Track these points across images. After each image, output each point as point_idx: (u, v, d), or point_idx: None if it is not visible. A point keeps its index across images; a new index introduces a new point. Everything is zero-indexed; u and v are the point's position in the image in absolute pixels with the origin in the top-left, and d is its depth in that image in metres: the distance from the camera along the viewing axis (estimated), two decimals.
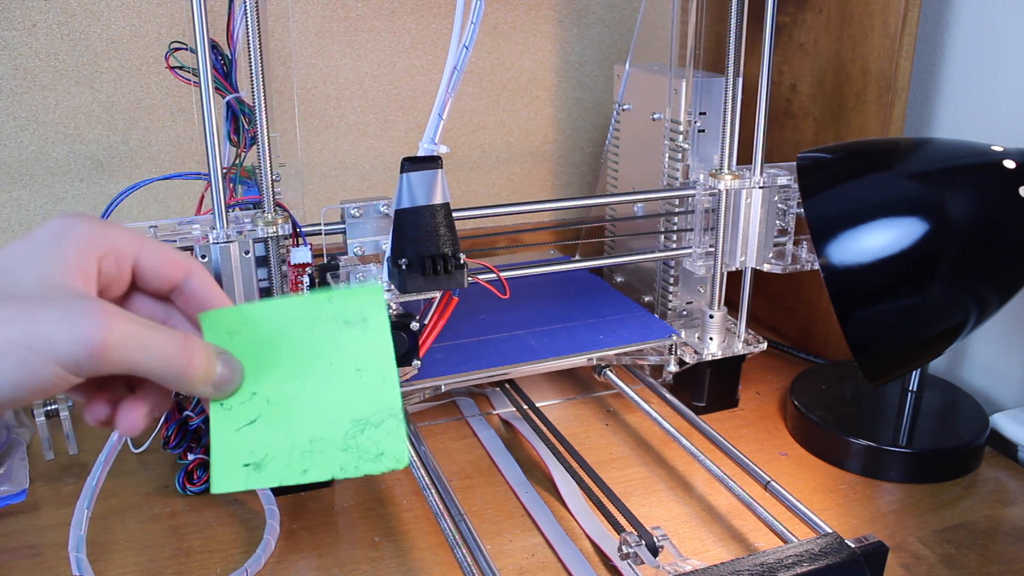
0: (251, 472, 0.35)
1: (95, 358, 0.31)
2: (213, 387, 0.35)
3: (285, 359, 0.36)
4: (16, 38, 0.81)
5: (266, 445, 0.35)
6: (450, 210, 0.59)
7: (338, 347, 0.37)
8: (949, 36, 0.81)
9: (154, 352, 0.33)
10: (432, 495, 0.58)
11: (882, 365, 0.63)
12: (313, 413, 0.36)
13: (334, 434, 0.36)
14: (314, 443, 0.36)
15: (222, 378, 0.36)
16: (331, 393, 0.36)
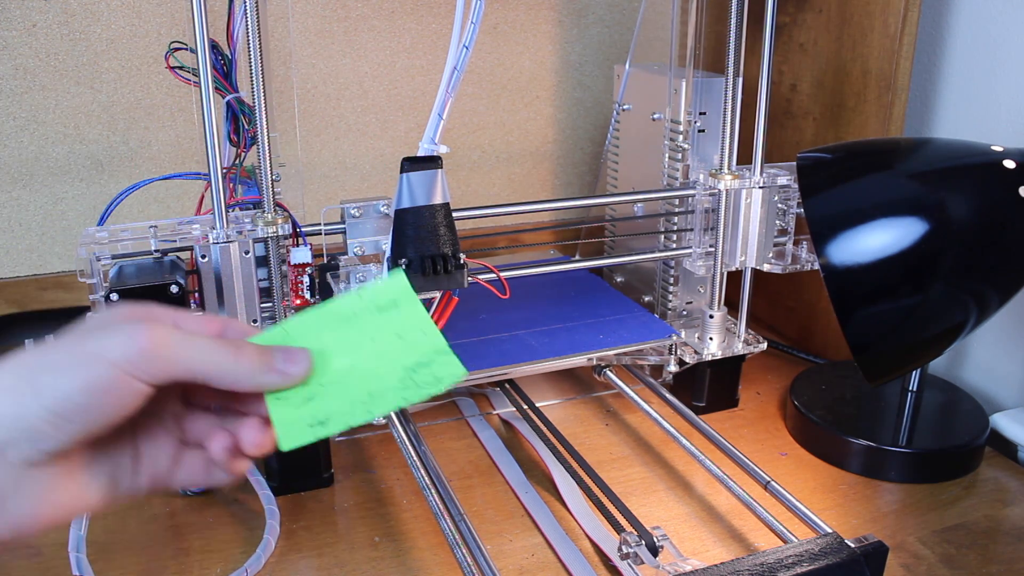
0: (317, 428, 0.37)
1: (146, 354, 0.33)
2: (279, 374, 0.36)
3: (331, 349, 0.38)
4: (16, 38, 0.81)
5: (327, 411, 0.37)
6: (450, 210, 0.59)
7: (377, 327, 0.39)
8: (949, 36, 0.81)
9: (201, 347, 0.35)
10: (432, 495, 0.58)
11: (882, 365, 0.63)
12: (367, 376, 0.38)
13: (390, 381, 0.38)
14: (372, 394, 0.38)
15: (287, 359, 0.37)
16: (380, 359, 0.39)
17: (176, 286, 0.56)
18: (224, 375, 0.35)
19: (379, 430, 0.73)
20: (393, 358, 0.39)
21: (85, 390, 0.32)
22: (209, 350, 0.35)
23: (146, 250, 0.57)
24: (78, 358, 0.33)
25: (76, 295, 0.88)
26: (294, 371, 0.37)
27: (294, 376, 0.37)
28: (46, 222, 0.87)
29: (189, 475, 0.38)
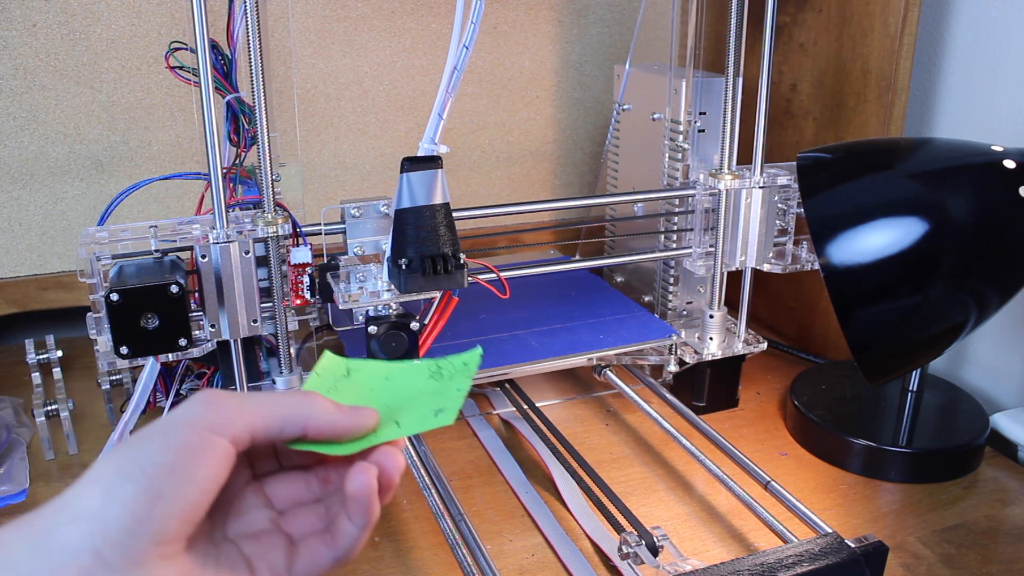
0: (441, 414, 0.39)
1: (216, 408, 0.33)
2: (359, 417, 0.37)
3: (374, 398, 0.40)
4: (16, 38, 0.81)
5: (422, 410, 0.39)
6: (450, 210, 0.59)
7: (359, 383, 0.41)
8: (949, 36, 0.81)
9: (268, 397, 0.35)
10: (432, 495, 0.58)
11: (882, 365, 0.63)
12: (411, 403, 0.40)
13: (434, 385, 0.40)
14: (434, 398, 0.40)
15: (355, 420, 0.37)
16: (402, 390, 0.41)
17: (176, 286, 0.56)
18: (303, 418, 0.35)
19: None
20: (410, 382, 0.41)
21: (165, 450, 0.31)
22: (278, 398, 0.35)
23: (146, 250, 0.57)
24: (152, 431, 0.32)
25: (76, 295, 0.88)
26: (368, 419, 0.37)
27: (370, 421, 0.37)
28: (46, 222, 0.87)
29: (310, 556, 0.37)
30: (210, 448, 0.32)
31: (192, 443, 0.32)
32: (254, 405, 0.34)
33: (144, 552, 0.30)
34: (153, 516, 0.30)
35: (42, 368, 0.75)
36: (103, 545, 0.29)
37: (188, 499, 0.31)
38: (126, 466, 0.31)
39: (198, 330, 0.59)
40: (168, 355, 0.58)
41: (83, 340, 0.71)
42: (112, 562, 0.29)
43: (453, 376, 0.40)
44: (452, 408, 0.38)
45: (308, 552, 0.37)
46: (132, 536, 0.30)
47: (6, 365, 0.84)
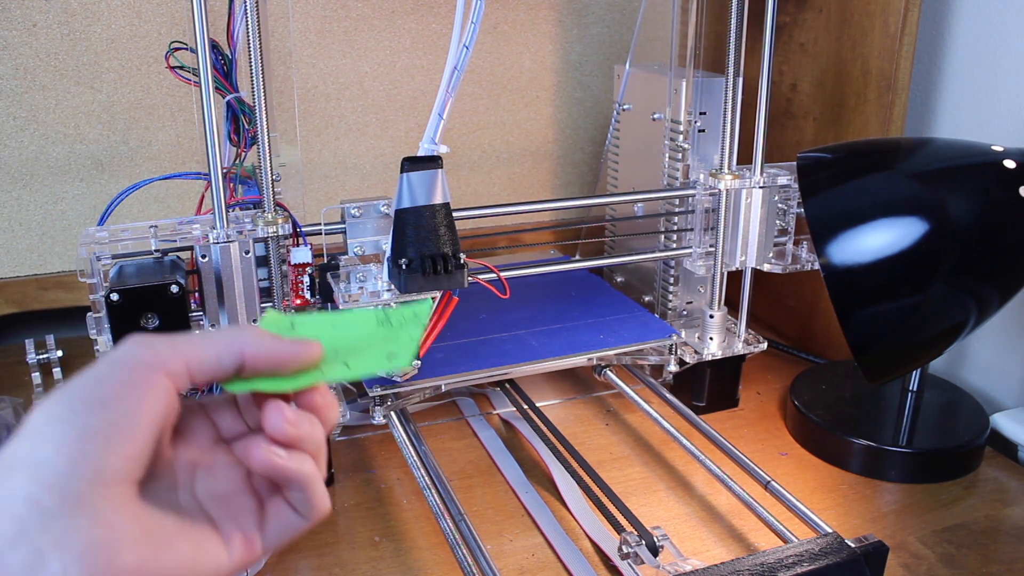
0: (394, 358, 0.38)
1: (148, 344, 0.32)
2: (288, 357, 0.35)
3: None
4: (16, 38, 0.81)
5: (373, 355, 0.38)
6: (450, 210, 0.59)
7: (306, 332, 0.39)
8: (949, 36, 0.81)
9: (204, 335, 0.34)
10: (432, 495, 0.58)
11: (882, 365, 0.63)
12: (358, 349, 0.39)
13: (382, 333, 0.39)
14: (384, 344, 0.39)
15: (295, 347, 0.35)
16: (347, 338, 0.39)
17: (176, 286, 0.56)
18: (238, 344, 0.33)
19: (379, 430, 0.73)
20: (357, 331, 0.39)
21: (96, 387, 0.30)
22: (212, 331, 0.34)
23: (146, 250, 0.57)
24: (82, 374, 0.31)
25: (76, 295, 0.88)
26: (311, 349, 0.35)
27: (314, 352, 0.36)
28: (46, 222, 0.87)
29: (278, 516, 0.35)
30: (144, 382, 0.31)
31: (124, 378, 0.31)
32: (186, 339, 0.33)
33: (83, 494, 0.28)
34: (87, 453, 0.29)
35: (42, 368, 0.75)
36: (38, 490, 0.28)
37: (125, 434, 0.30)
38: (56, 409, 0.30)
39: (198, 330, 0.59)
40: None
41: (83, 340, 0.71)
42: (49, 507, 0.28)
43: (403, 324, 0.39)
44: (405, 353, 0.37)
45: (276, 512, 0.35)
46: (67, 477, 0.28)
47: (6, 365, 0.84)
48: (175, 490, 0.34)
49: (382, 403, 0.65)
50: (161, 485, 0.33)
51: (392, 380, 0.64)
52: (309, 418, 0.35)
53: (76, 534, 0.28)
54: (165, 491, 0.33)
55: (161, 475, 0.33)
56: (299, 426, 0.34)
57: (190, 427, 0.36)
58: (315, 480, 0.34)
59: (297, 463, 0.34)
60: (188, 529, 0.33)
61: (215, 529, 0.34)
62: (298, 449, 0.34)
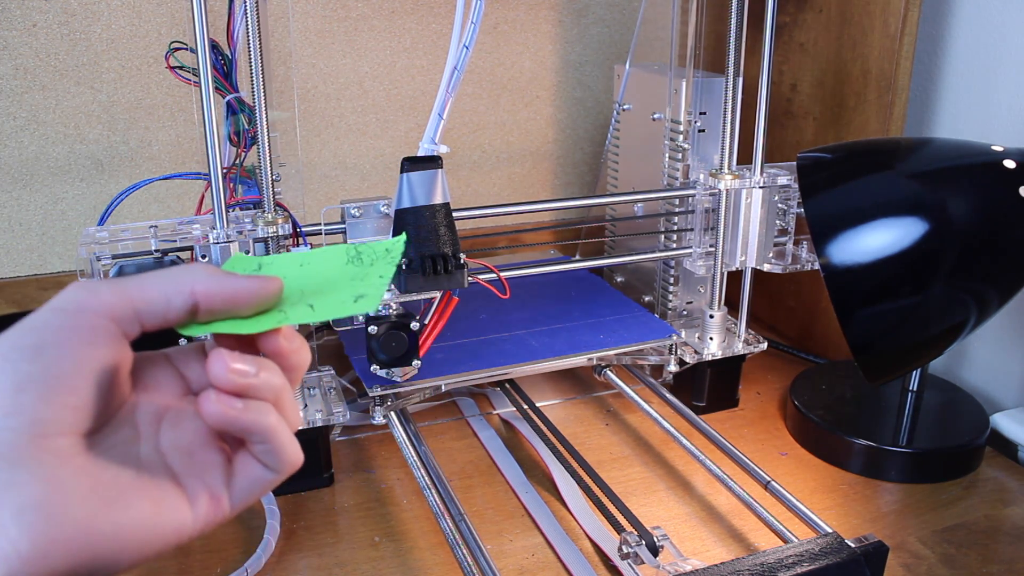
0: (361, 300, 0.35)
1: (88, 287, 0.30)
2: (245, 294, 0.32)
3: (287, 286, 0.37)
4: (16, 38, 0.81)
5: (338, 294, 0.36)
6: (450, 210, 0.59)
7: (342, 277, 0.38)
8: (949, 36, 0.81)
9: (154, 275, 0.32)
10: (432, 495, 0.58)
11: (882, 365, 0.63)
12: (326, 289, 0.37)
13: (353, 272, 0.37)
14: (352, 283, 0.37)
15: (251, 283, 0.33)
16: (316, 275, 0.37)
17: None
18: (189, 283, 0.31)
19: (379, 430, 0.73)
20: (326, 268, 0.37)
21: (28, 333, 0.29)
22: (158, 271, 0.31)
23: (146, 250, 0.57)
24: (18, 322, 0.29)
25: None
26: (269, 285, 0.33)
27: (271, 288, 0.33)
28: (46, 222, 0.87)
29: (246, 476, 0.33)
30: (86, 327, 0.29)
31: (62, 323, 0.29)
32: (132, 280, 0.31)
33: (20, 447, 0.26)
34: (22, 404, 0.27)
35: None
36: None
37: (63, 382, 0.28)
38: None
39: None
40: None
41: None
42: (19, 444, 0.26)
43: (374, 262, 0.37)
44: (373, 295, 0.35)
45: (243, 466, 0.33)
46: (3, 429, 0.26)
47: None
48: (136, 443, 0.31)
49: (382, 403, 0.65)
50: (118, 438, 0.31)
51: (392, 380, 0.64)
52: (262, 363, 0.32)
53: (15, 489, 0.26)
54: (123, 444, 0.31)
55: (118, 427, 0.31)
56: (247, 374, 0.31)
57: (155, 378, 0.33)
58: (278, 430, 0.32)
59: (254, 414, 0.31)
60: (148, 485, 0.30)
61: (179, 486, 0.31)
62: (255, 398, 0.31)
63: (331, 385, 0.67)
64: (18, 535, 0.26)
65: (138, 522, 0.29)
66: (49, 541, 0.26)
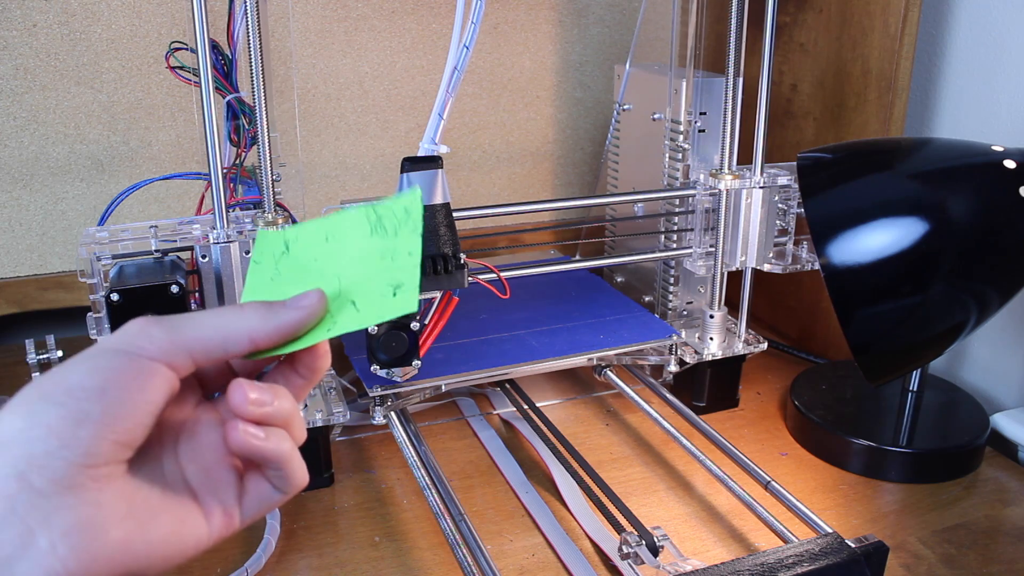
0: (401, 291, 0.36)
1: (145, 330, 0.32)
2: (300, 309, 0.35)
3: (318, 269, 0.37)
4: (16, 38, 0.81)
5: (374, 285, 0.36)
6: (450, 210, 0.59)
7: (298, 254, 0.38)
8: (949, 36, 0.81)
9: (203, 315, 0.33)
10: (432, 495, 0.58)
11: (882, 365, 0.63)
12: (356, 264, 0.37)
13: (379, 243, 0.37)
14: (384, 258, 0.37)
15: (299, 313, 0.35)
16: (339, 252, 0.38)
17: (176, 286, 0.56)
18: (246, 331, 0.33)
19: (379, 430, 0.73)
20: (350, 242, 0.37)
21: (93, 374, 0.30)
22: (213, 317, 0.33)
23: (146, 250, 0.57)
24: (81, 358, 0.31)
25: (76, 295, 0.88)
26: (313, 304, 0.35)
27: (317, 309, 0.35)
28: (46, 222, 0.87)
29: (257, 496, 0.35)
30: (144, 372, 0.31)
31: (123, 367, 0.31)
32: (191, 326, 0.33)
33: (73, 475, 0.29)
34: (80, 437, 0.29)
35: (42, 368, 0.74)
36: (27, 469, 0.28)
37: (119, 422, 0.30)
38: (51, 391, 0.30)
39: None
40: None
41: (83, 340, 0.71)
42: (39, 486, 0.28)
43: (398, 230, 0.37)
44: (410, 285, 0.36)
45: (255, 486, 0.35)
46: (57, 458, 0.29)
47: (6, 365, 0.84)
48: (160, 460, 0.34)
49: (382, 403, 0.65)
50: (148, 456, 0.33)
51: (392, 380, 0.64)
52: (276, 390, 0.34)
53: (64, 512, 0.29)
54: (151, 462, 0.33)
55: (148, 447, 0.33)
56: (265, 403, 0.33)
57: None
58: (292, 458, 0.34)
59: (274, 443, 0.33)
60: (172, 503, 0.33)
61: (197, 503, 0.34)
62: (273, 425, 0.34)
63: (331, 385, 0.67)
64: (66, 554, 0.28)
65: (165, 538, 0.32)
66: (92, 559, 0.29)
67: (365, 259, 0.37)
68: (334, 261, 0.37)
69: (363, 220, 0.37)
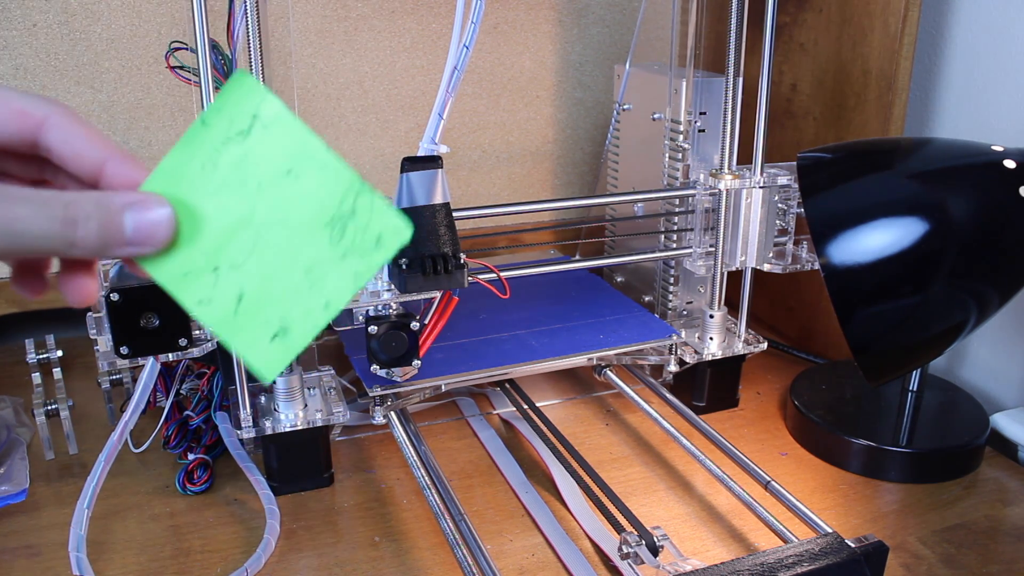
0: (282, 340, 0.29)
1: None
2: (132, 244, 0.29)
3: (213, 207, 0.29)
4: (16, 38, 0.81)
5: (274, 310, 0.30)
6: (450, 210, 0.59)
7: (252, 161, 0.29)
8: (949, 36, 0.81)
9: (24, 228, 0.27)
10: (432, 495, 0.58)
11: (882, 365, 0.63)
12: (282, 245, 0.29)
13: (319, 249, 0.29)
14: (309, 272, 0.29)
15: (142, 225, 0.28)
16: (281, 212, 0.29)
17: None
18: (66, 255, 0.28)
19: (379, 430, 0.73)
20: (301, 210, 0.29)
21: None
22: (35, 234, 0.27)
23: None
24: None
25: None
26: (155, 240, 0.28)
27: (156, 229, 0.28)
28: None
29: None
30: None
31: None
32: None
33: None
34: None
35: (42, 368, 0.75)
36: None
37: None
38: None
39: (198, 330, 0.59)
40: (168, 355, 0.58)
41: (83, 340, 0.72)
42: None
43: (355, 247, 0.29)
44: (294, 341, 0.29)
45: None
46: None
47: (6, 365, 0.85)
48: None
49: (382, 403, 0.65)
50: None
51: (392, 380, 0.64)
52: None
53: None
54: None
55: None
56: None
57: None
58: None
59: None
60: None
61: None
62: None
63: (331, 385, 0.67)
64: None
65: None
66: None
67: (294, 247, 0.29)
68: (270, 207, 0.29)
69: (333, 198, 0.29)
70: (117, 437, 0.60)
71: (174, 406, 0.69)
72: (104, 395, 0.72)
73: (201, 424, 0.68)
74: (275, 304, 0.29)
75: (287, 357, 0.30)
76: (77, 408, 0.71)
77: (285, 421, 0.62)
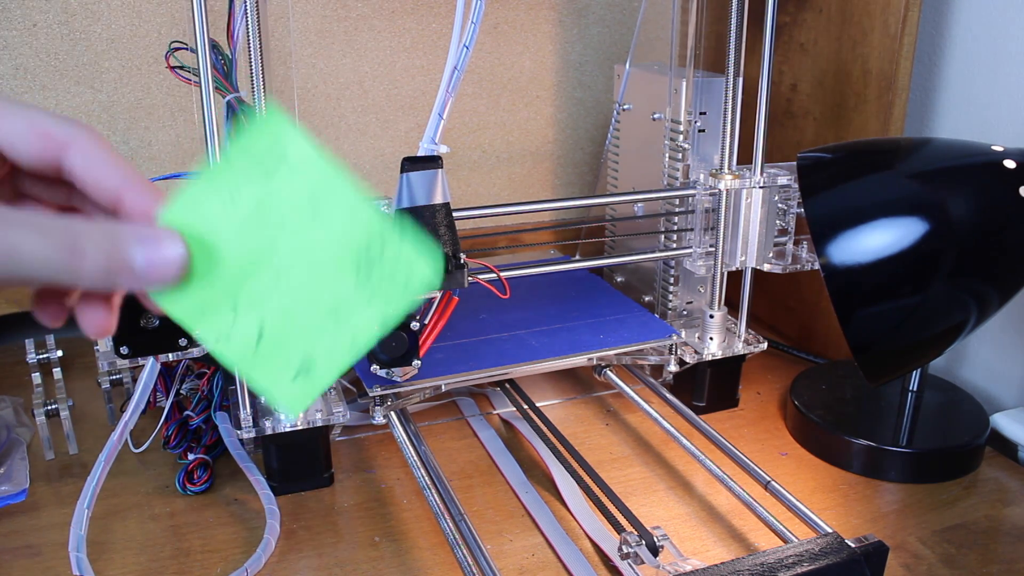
0: (304, 379, 0.29)
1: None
2: (141, 279, 0.28)
3: (233, 244, 0.29)
4: (16, 38, 0.81)
5: (291, 345, 0.29)
6: (450, 210, 0.59)
7: (277, 201, 0.29)
8: (949, 36, 0.81)
9: (26, 255, 0.26)
10: (432, 495, 0.58)
11: (882, 365, 0.63)
12: (304, 285, 0.29)
13: (344, 291, 0.29)
14: (334, 313, 0.29)
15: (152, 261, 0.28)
16: (305, 253, 0.29)
17: None
18: (69, 284, 0.27)
19: (379, 430, 0.73)
20: (325, 253, 0.29)
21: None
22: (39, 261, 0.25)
23: None
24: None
25: None
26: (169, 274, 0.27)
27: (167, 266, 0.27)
28: None
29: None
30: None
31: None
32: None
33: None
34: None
35: (42, 368, 0.75)
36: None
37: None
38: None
39: None
40: (168, 355, 0.58)
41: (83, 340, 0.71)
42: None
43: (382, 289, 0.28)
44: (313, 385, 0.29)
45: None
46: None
47: (6, 365, 0.85)
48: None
49: (382, 403, 0.65)
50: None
51: (392, 380, 0.64)
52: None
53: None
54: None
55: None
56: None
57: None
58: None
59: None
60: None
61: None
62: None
63: (331, 385, 0.67)
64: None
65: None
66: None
67: (318, 288, 0.28)
68: (293, 248, 0.28)
69: (359, 242, 0.28)
70: (117, 437, 0.60)
71: (174, 406, 0.69)
72: (104, 395, 0.72)
73: (201, 424, 0.68)
74: (297, 343, 0.29)
75: (311, 395, 0.30)
76: (77, 408, 0.71)
77: (285, 421, 0.62)
